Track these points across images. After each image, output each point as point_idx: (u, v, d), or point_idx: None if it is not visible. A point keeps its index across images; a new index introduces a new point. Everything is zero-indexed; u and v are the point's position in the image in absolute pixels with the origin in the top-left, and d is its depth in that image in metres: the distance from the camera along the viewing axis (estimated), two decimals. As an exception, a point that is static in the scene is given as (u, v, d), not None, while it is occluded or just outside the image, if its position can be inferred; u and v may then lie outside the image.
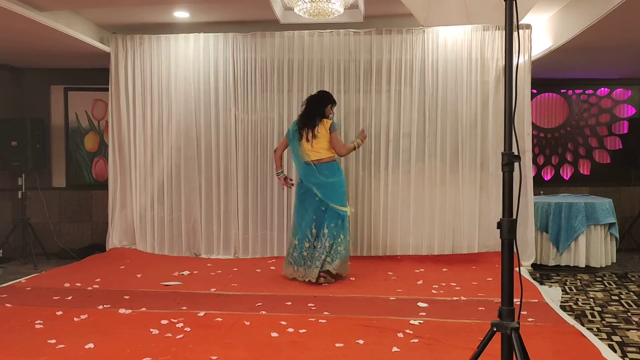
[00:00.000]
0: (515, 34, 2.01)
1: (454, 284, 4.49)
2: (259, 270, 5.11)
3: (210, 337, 3.18)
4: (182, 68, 5.73)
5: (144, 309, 3.77)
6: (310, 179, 4.58)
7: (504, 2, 2.03)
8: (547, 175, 6.85)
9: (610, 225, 5.63)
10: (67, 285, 4.47)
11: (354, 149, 4.78)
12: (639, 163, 6.51)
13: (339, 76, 5.62)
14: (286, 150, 4.89)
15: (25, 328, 3.35)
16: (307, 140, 4.57)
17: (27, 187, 6.34)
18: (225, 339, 3.16)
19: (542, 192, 6.29)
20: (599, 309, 4.19)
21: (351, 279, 4.69)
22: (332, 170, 4.63)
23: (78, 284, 4.49)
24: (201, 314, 3.63)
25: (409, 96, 5.58)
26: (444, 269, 5.06)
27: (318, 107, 4.64)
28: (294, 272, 4.60)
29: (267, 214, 5.73)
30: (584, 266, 5.51)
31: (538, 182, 6.45)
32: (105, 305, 3.85)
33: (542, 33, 5.43)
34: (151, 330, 3.30)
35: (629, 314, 4.05)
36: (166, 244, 5.82)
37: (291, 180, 4.92)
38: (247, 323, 3.44)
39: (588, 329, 3.51)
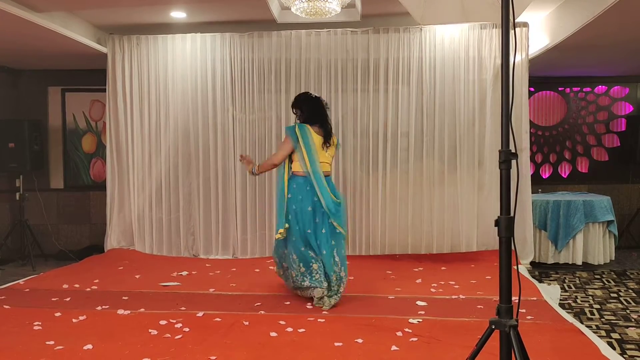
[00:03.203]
0: (512, 32, 2.01)
1: (453, 283, 4.49)
2: (257, 270, 5.11)
3: (209, 338, 3.17)
4: (179, 68, 5.72)
5: (142, 309, 3.77)
6: (328, 195, 3.86)
7: (501, 0, 2.02)
8: (546, 173, 6.85)
9: (609, 222, 5.64)
10: (65, 286, 4.47)
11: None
12: (637, 160, 6.52)
13: (337, 75, 5.61)
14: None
15: (24, 330, 3.35)
16: (326, 149, 3.96)
17: (25, 188, 6.34)
18: (224, 339, 3.16)
19: (540, 190, 6.29)
20: (598, 306, 4.20)
21: (350, 278, 4.67)
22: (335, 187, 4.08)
23: (76, 285, 4.49)
24: (200, 314, 3.63)
25: (406, 95, 5.58)
26: (443, 268, 5.07)
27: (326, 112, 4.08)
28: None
29: (265, 214, 5.72)
30: (582, 264, 5.51)
31: (536, 180, 6.46)
32: (103, 306, 3.84)
33: (539, 31, 5.44)
34: (150, 330, 3.29)
35: (628, 311, 4.05)
36: (164, 245, 5.81)
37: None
38: (246, 323, 3.44)
39: (587, 326, 3.51)
